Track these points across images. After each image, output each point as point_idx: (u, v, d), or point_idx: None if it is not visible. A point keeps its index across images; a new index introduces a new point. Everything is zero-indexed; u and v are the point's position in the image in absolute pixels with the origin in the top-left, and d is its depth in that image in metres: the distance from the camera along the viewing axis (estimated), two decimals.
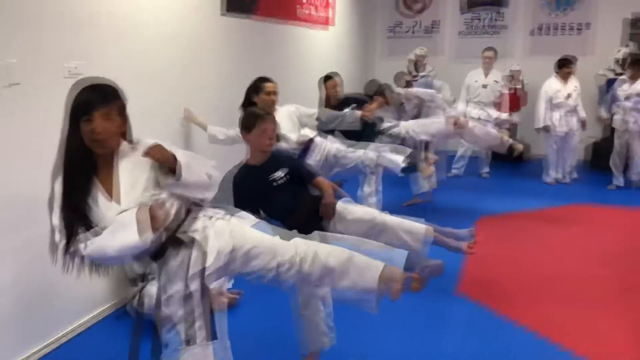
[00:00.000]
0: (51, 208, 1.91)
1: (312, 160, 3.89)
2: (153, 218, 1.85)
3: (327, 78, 4.70)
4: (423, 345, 3.08)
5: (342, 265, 1.97)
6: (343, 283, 2.00)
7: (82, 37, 3.12)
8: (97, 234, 1.87)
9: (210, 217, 2.05)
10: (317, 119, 4.12)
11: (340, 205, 2.73)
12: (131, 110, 1.99)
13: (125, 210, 1.87)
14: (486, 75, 7.01)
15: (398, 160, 3.76)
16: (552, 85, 6.79)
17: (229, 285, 3.44)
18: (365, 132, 4.77)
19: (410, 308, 2.92)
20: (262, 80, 3.78)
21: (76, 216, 1.88)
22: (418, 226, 2.79)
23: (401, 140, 4.90)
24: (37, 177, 2.78)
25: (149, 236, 1.85)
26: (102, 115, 1.84)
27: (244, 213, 2.16)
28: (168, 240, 1.98)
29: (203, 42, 4.35)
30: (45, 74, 2.89)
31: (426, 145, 5.38)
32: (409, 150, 3.82)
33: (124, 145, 1.97)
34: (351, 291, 2.00)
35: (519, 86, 7.77)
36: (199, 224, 2.03)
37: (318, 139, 3.92)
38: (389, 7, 9.19)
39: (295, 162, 2.80)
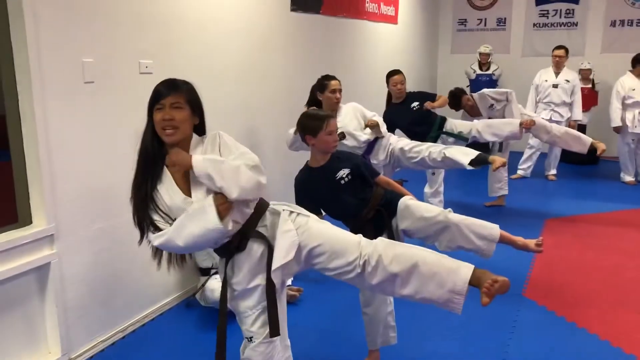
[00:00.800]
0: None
1: (377, 158, 3.86)
2: (227, 202, 1.89)
3: (390, 75, 4.65)
4: (488, 348, 3.01)
5: (406, 272, 1.95)
6: (404, 291, 1.98)
7: (152, 36, 3.22)
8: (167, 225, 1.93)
9: (278, 214, 2.07)
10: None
11: (403, 202, 2.69)
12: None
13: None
14: (557, 74, 6.73)
15: (464, 161, 3.66)
16: (626, 83, 6.49)
17: (289, 282, 3.47)
18: (430, 131, 4.72)
19: (474, 309, 2.87)
20: (326, 78, 3.79)
21: (146, 204, 1.94)
22: (486, 224, 2.71)
23: (466, 142, 4.80)
24: (111, 170, 2.93)
25: (229, 221, 1.90)
26: (171, 103, 1.92)
27: (307, 211, 2.17)
28: (239, 234, 2.01)
29: (271, 39, 4.41)
30: (120, 71, 3.00)
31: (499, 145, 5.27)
32: (476, 153, 3.69)
33: (195, 138, 2.02)
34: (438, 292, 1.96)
35: (589, 85, 7.47)
36: (267, 220, 2.06)
37: (383, 138, 3.86)
38: (457, 0, 8.96)
39: (356, 160, 2.76)
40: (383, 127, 3.83)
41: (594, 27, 8.10)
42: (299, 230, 2.04)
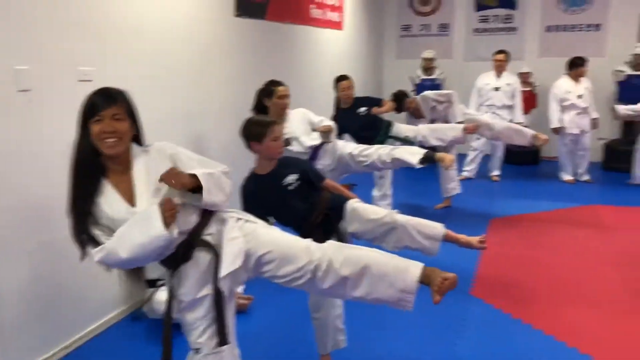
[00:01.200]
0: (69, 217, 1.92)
1: (323, 163, 3.86)
2: (174, 210, 1.85)
3: (338, 80, 4.68)
4: (437, 347, 3.06)
5: (356, 274, 1.95)
6: (356, 293, 1.98)
7: (92, 43, 3.12)
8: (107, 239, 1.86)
9: (224, 221, 2.04)
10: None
11: (350, 205, 2.71)
12: (140, 114, 2.00)
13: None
14: (498, 77, 6.93)
15: (413, 160, 3.72)
16: (563, 86, 6.75)
17: (240, 290, 3.43)
18: (378, 136, 4.76)
19: (423, 308, 2.91)
20: (273, 83, 3.77)
21: (85, 218, 1.87)
22: (431, 224, 2.78)
23: (411, 144, 4.88)
24: (48, 181, 2.82)
25: (175, 228, 1.85)
26: (112, 115, 1.86)
27: (255, 218, 2.15)
28: (185, 244, 1.96)
29: (215, 44, 4.36)
30: (57, 79, 2.90)
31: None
32: (423, 151, 3.76)
33: (136, 149, 1.97)
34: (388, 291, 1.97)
35: (528, 88, 7.74)
36: (213, 228, 2.02)
37: (329, 143, 3.87)
38: (401, 6, 9.09)
39: (303, 165, 2.77)
40: (333, 133, 3.85)
41: (532, 32, 8.39)
42: (246, 237, 2.01)
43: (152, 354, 3.00)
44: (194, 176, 1.88)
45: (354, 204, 2.73)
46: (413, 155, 3.74)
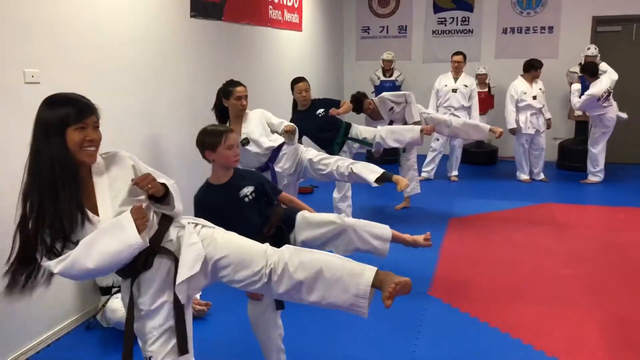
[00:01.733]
0: (24, 227, 1.82)
1: (282, 166, 3.82)
2: (145, 218, 1.85)
3: (294, 82, 4.65)
4: (396, 348, 3.06)
5: (311, 278, 1.92)
6: (311, 298, 1.95)
7: (39, 43, 3.02)
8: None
9: (183, 227, 2.02)
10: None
11: (300, 215, 2.74)
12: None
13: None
14: (456, 79, 7.04)
15: (370, 178, 3.72)
16: (518, 87, 6.89)
17: (197, 296, 3.37)
18: (336, 137, 4.77)
19: (382, 310, 2.94)
20: (231, 84, 3.72)
21: (59, 230, 1.79)
22: (378, 225, 2.86)
23: (370, 147, 4.90)
24: None
25: (146, 236, 1.85)
26: (92, 123, 1.85)
27: (212, 224, 2.11)
28: (146, 251, 1.92)
29: (171, 45, 4.28)
30: (2, 81, 2.79)
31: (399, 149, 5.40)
32: (381, 171, 3.77)
33: (98, 157, 1.94)
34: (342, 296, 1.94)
35: (485, 89, 7.88)
36: (172, 235, 2.00)
37: (290, 146, 3.84)
38: (360, 8, 9.12)
39: (260, 178, 2.76)
40: (296, 135, 3.80)
41: (488, 34, 8.53)
42: (204, 242, 1.98)
43: None
44: (163, 185, 1.92)
45: (305, 213, 2.76)
46: (371, 173, 3.73)
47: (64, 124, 1.79)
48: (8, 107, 2.81)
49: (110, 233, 1.79)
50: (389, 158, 6.11)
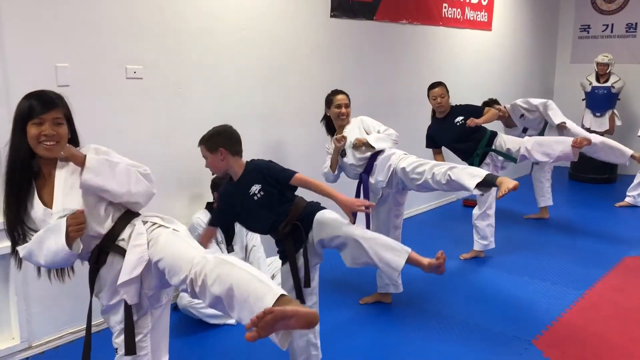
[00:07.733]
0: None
1: (375, 177, 3.47)
2: (81, 224, 1.86)
3: (429, 88, 4.22)
4: None
5: (225, 295, 1.71)
6: (233, 314, 1.73)
7: (146, 43, 3.31)
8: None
9: (136, 226, 1.99)
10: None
11: (317, 216, 2.51)
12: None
13: (62, 217, 1.89)
14: None
15: (470, 184, 3.10)
16: None
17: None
18: (477, 148, 4.27)
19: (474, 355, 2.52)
20: (333, 93, 3.54)
21: (16, 220, 1.94)
22: (395, 247, 2.44)
23: (515, 162, 4.29)
24: None
25: (79, 244, 1.87)
26: (53, 119, 1.90)
27: (176, 224, 2.06)
28: (98, 248, 1.97)
29: (304, 45, 4.34)
30: (102, 76, 3.12)
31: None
32: (484, 173, 3.15)
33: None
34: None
35: None
36: (126, 232, 1.98)
37: (382, 154, 3.45)
38: (580, 4, 8.03)
39: (262, 169, 2.55)
40: (379, 144, 3.43)
41: None
42: (150, 242, 1.94)
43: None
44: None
45: (324, 214, 2.52)
46: (472, 178, 3.08)
47: (25, 119, 1.88)
48: (110, 99, 3.15)
49: (52, 234, 1.84)
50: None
